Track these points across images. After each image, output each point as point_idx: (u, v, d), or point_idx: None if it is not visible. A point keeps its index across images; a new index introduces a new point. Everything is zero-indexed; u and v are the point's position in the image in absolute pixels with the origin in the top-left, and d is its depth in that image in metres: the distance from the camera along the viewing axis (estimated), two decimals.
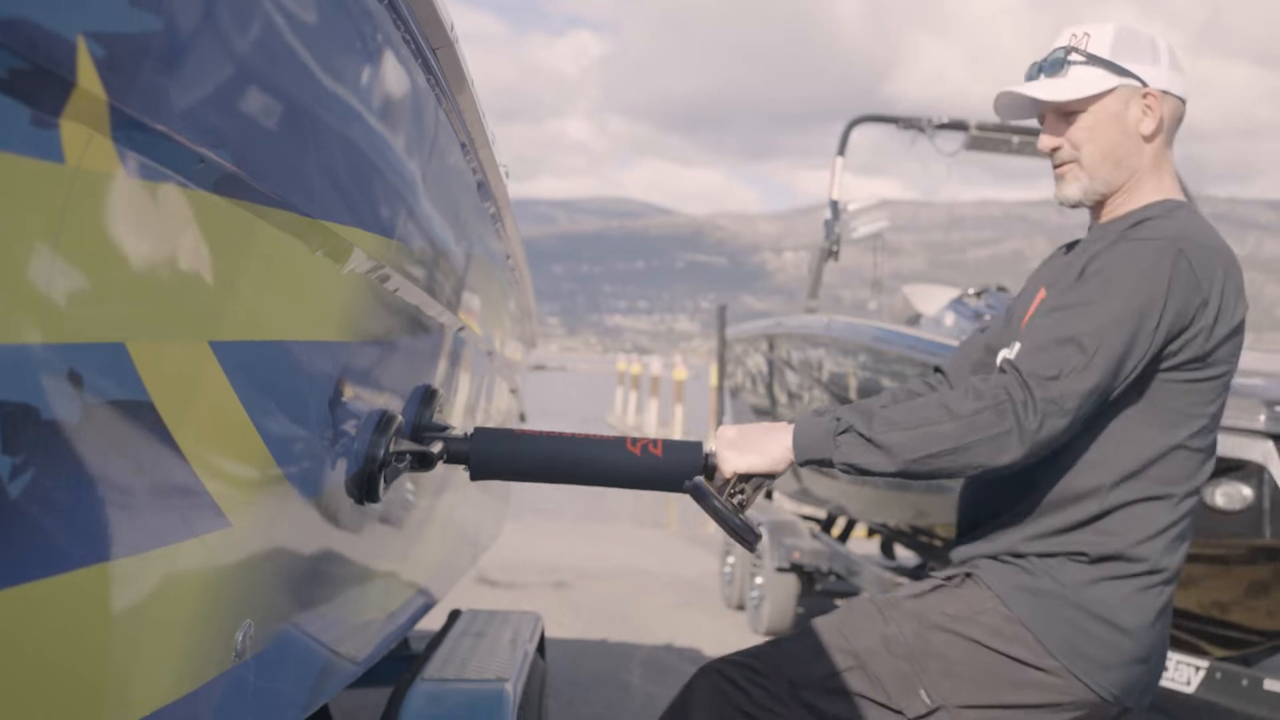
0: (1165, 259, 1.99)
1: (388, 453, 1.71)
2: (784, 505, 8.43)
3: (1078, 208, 2.22)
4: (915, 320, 6.52)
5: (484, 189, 2.24)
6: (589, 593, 8.03)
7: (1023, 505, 2.11)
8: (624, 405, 28.09)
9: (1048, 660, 2.03)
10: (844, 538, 7.74)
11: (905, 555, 7.81)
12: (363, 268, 1.50)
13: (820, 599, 7.38)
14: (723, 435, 2.06)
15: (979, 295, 6.20)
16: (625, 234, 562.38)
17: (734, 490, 1.99)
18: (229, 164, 1.02)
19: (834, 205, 7.24)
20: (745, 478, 2.00)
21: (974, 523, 2.21)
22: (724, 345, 8.40)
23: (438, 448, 1.89)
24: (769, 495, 8.65)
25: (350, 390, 1.58)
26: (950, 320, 6.09)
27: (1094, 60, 2.14)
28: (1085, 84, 2.14)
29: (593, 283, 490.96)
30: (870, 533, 8.10)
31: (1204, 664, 4.66)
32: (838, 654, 2.10)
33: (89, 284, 0.87)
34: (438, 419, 2.04)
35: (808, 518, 7.93)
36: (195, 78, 0.95)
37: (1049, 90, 2.16)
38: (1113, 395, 2.00)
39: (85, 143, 0.81)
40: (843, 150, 7.27)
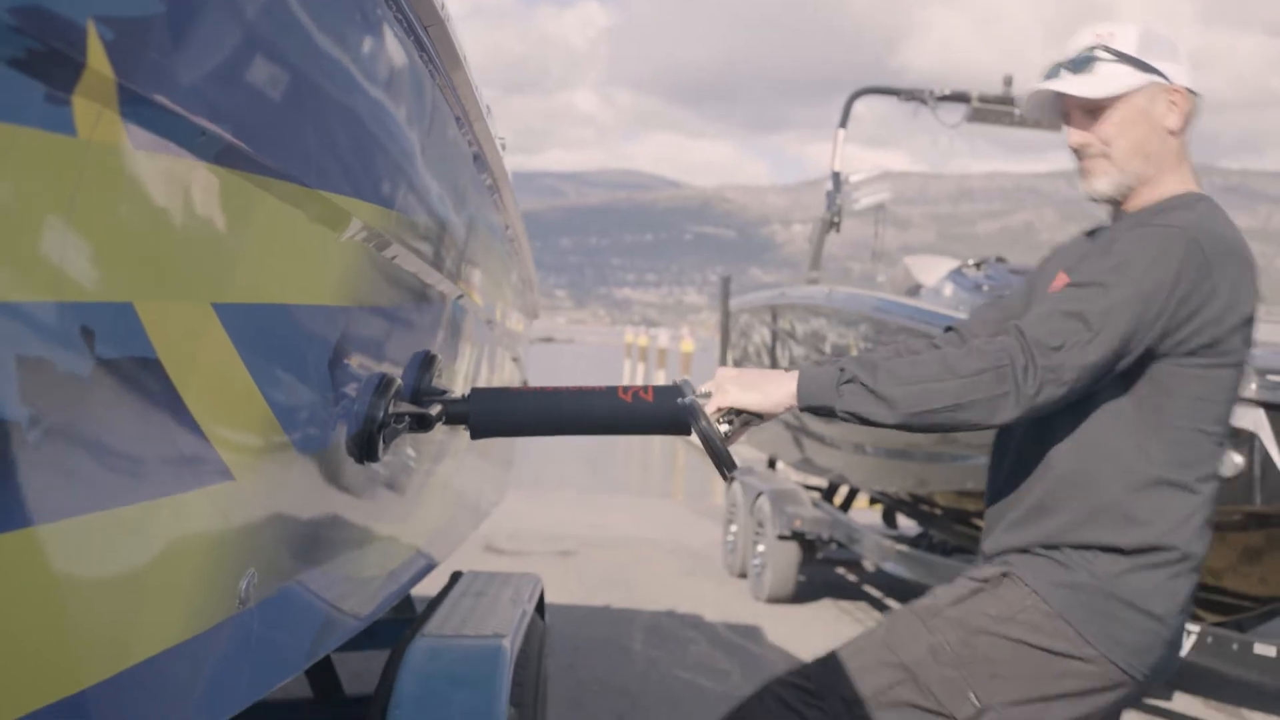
0: (1178, 245, 2.04)
1: (387, 414, 1.77)
2: (787, 474, 8.51)
3: (1107, 202, 2.27)
4: (915, 291, 6.57)
5: (480, 161, 2.30)
6: (593, 561, 8.11)
7: (1051, 496, 2.16)
8: (632, 377, 28.19)
9: (1087, 650, 2.09)
10: (845, 506, 7.81)
11: (907, 524, 7.89)
12: (360, 236, 1.56)
13: (821, 566, 7.46)
14: (723, 373, 2.13)
15: (978, 266, 6.26)
16: (633, 206, 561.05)
17: (723, 420, 2.07)
18: (230, 136, 1.09)
19: (836, 177, 7.28)
20: (736, 413, 2.08)
21: (999, 513, 2.26)
22: (727, 316, 8.46)
23: (436, 410, 1.96)
24: (772, 464, 8.74)
25: (349, 353, 1.65)
26: (949, 291, 6.15)
27: (1122, 58, 2.19)
28: (1117, 80, 2.18)
29: (601, 255, 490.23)
30: (872, 501, 8.17)
31: (1196, 629, 4.73)
32: (888, 668, 2.16)
33: (99, 248, 0.94)
34: (438, 384, 2.11)
35: (810, 487, 8.01)
36: (196, 57, 1.02)
37: (1081, 86, 2.20)
38: (1117, 371, 2.05)
39: (95, 118, 0.88)
40: (845, 122, 7.29)
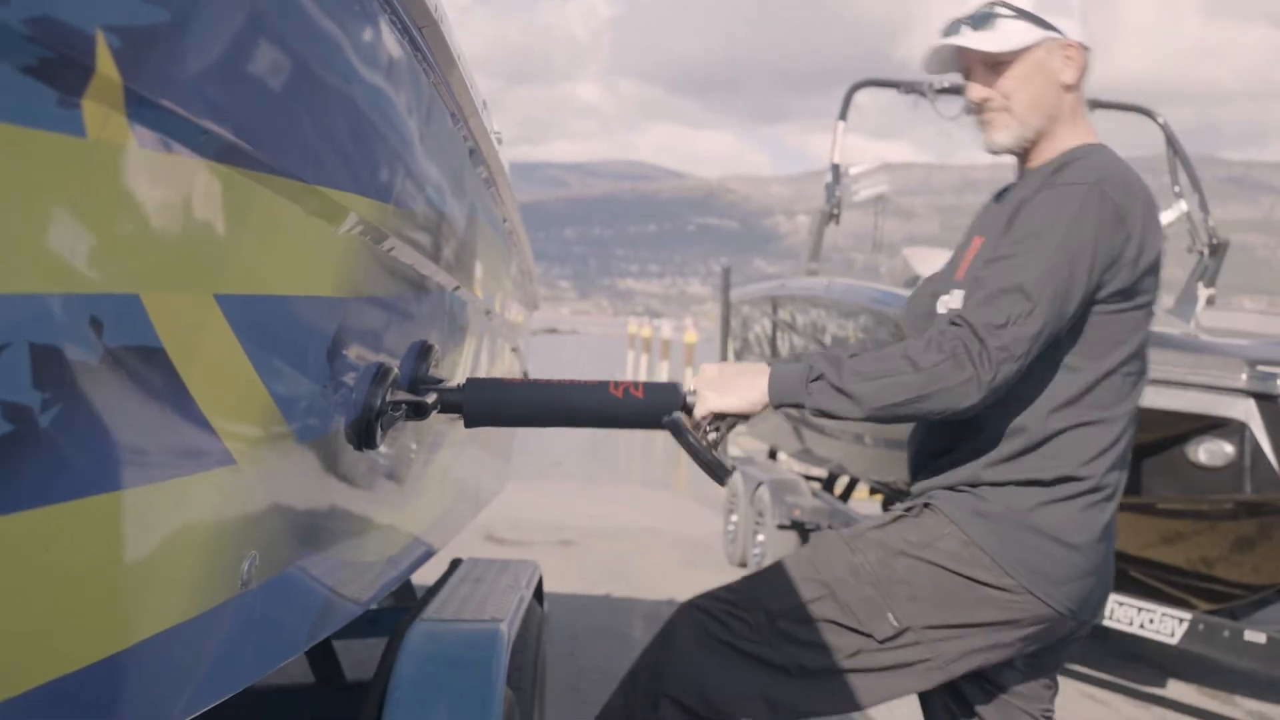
0: (1091, 202, 2.12)
1: (384, 402, 1.83)
2: (788, 465, 8.56)
3: (1006, 154, 2.34)
4: (914, 282, 6.61)
5: (476, 155, 2.36)
6: (594, 551, 8.16)
7: (971, 439, 2.23)
8: (635, 368, 28.24)
9: (1005, 579, 2.17)
10: (845, 496, 7.87)
11: None
12: (357, 229, 1.61)
13: None
14: (704, 374, 2.20)
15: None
16: (637, 197, 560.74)
17: (710, 428, 2.13)
18: (230, 135, 1.14)
19: (835, 169, 7.30)
20: (721, 416, 2.14)
21: (927, 459, 2.34)
22: (728, 307, 8.50)
23: (432, 398, 2.01)
24: (772, 455, 8.79)
25: (347, 343, 1.70)
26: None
27: (1021, 14, 2.26)
28: (1016, 36, 2.25)
29: (604, 246, 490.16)
30: (872, 492, 8.22)
31: (1187, 616, 4.78)
32: (809, 584, 2.24)
33: (106, 242, 0.99)
34: (435, 373, 2.16)
35: (810, 477, 8.06)
36: (198, 61, 1.07)
37: (982, 41, 2.26)
38: (1058, 334, 2.12)
39: (103, 120, 0.93)
40: (844, 114, 7.32)
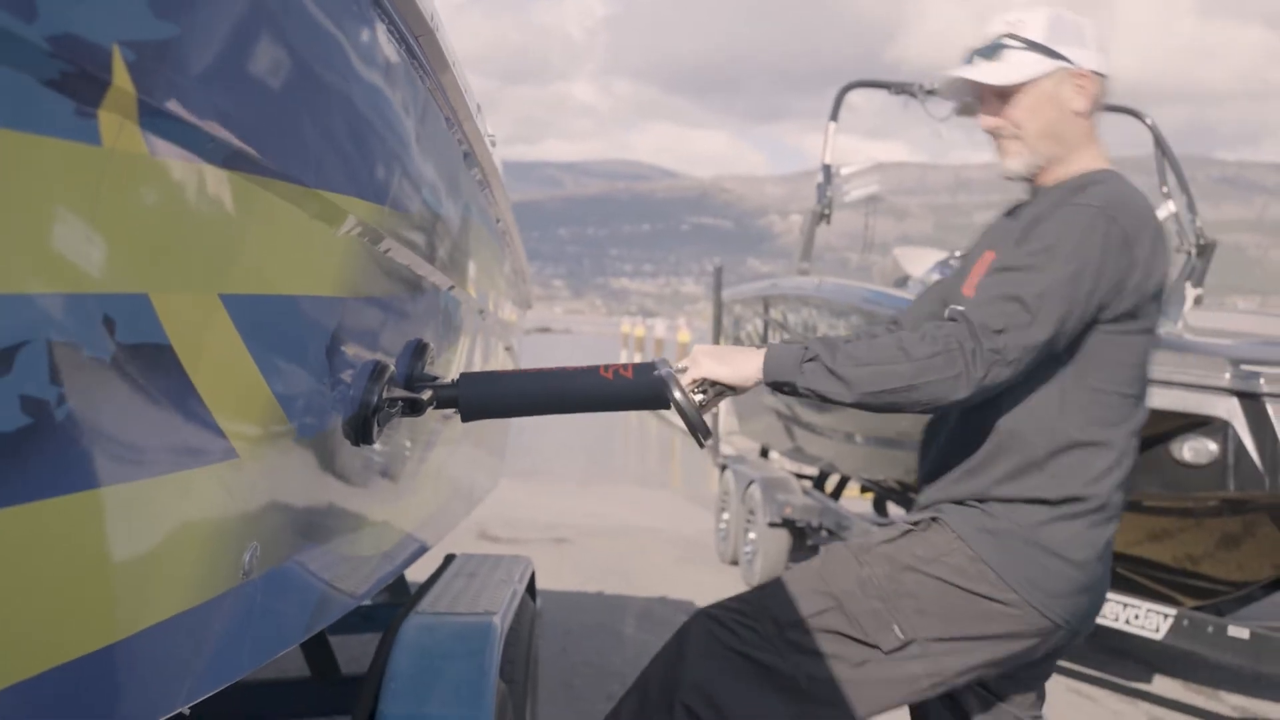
0: (1099, 225, 2.17)
1: (380, 399, 1.88)
2: (780, 463, 8.61)
3: (1019, 179, 2.40)
4: (904, 282, 6.67)
5: (470, 158, 2.41)
6: (588, 549, 8.20)
7: (979, 455, 2.29)
8: None
9: (1008, 594, 2.22)
10: (836, 495, 7.92)
11: (898, 513, 7.99)
12: (356, 231, 1.67)
13: (811, 553, 7.56)
14: (700, 349, 2.25)
15: (964, 258, 6.35)
16: (631, 196, 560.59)
17: (698, 390, 2.19)
18: (236, 142, 1.19)
19: (826, 169, 7.35)
20: (711, 384, 2.20)
21: (935, 472, 2.40)
22: (720, 307, 8.55)
23: (427, 395, 2.06)
24: (764, 453, 8.83)
25: (345, 341, 1.75)
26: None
27: (1030, 45, 2.32)
28: (1023, 68, 2.31)
29: (598, 245, 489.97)
30: (863, 490, 8.27)
31: (1172, 612, 4.84)
32: (818, 596, 2.29)
33: (119, 244, 1.04)
34: (430, 371, 2.21)
35: (801, 475, 8.11)
36: (206, 73, 1.12)
37: (990, 74, 2.33)
38: (1057, 349, 2.18)
39: (118, 129, 0.98)
40: (835, 115, 7.37)
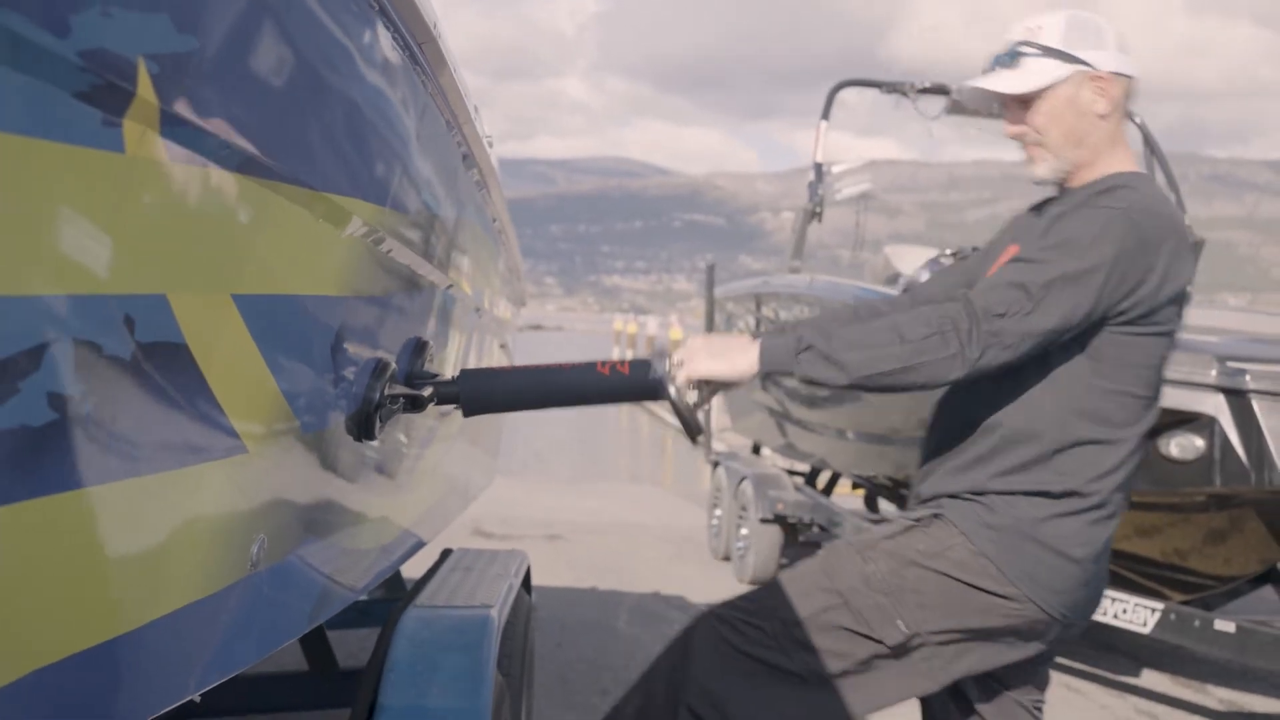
0: (1118, 226, 2.19)
1: (382, 396, 1.92)
2: (772, 460, 8.66)
3: (1047, 184, 2.43)
4: (894, 280, 6.72)
5: (469, 159, 2.46)
6: (582, 545, 8.24)
7: (982, 447, 2.32)
8: None
9: (1009, 588, 2.26)
10: (828, 491, 7.96)
11: (889, 509, 8.04)
12: (359, 232, 1.71)
13: (803, 549, 7.63)
14: (691, 343, 2.28)
15: (955, 255, 6.40)
16: (623, 194, 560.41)
17: (692, 387, 2.24)
18: (249, 149, 1.24)
19: (818, 168, 7.40)
20: (705, 381, 2.24)
21: (937, 462, 2.43)
22: (712, 304, 8.59)
23: (428, 392, 2.11)
24: (756, 450, 8.88)
25: (349, 339, 1.79)
26: (926, 279, 6.29)
27: (1047, 51, 2.33)
28: (1040, 74, 2.33)
29: (590, 243, 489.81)
30: (854, 487, 8.32)
31: (1159, 606, 4.90)
32: (823, 594, 2.32)
33: (139, 246, 1.09)
34: (429, 368, 2.25)
35: (793, 472, 8.16)
36: (222, 83, 1.17)
37: (1006, 83, 2.36)
38: (1060, 341, 2.20)
39: (140, 137, 1.02)
40: (827, 114, 7.41)
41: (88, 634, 1.14)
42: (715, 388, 2.26)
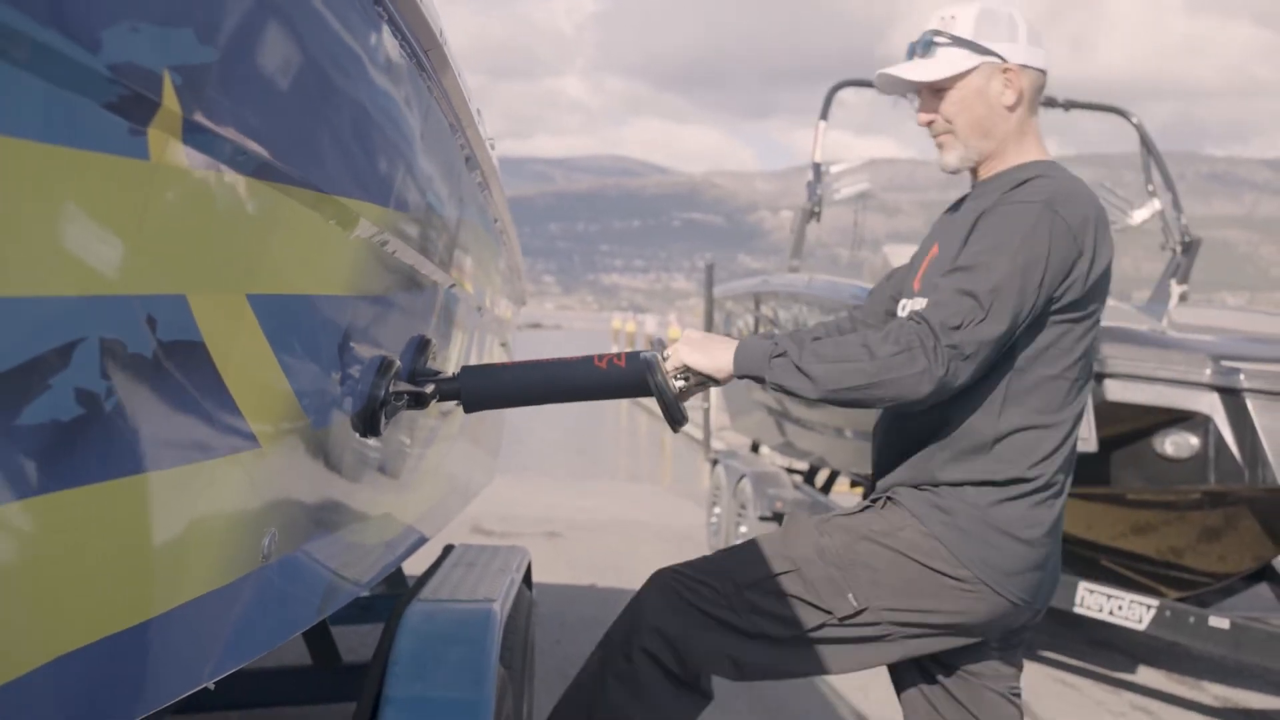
0: (1044, 220, 2.25)
1: (387, 393, 1.96)
2: (771, 458, 8.70)
3: (958, 173, 2.48)
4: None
5: (471, 162, 2.50)
6: (580, 543, 8.26)
7: (929, 440, 2.37)
8: None
9: (960, 570, 2.31)
10: (826, 489, 8.00)
11: None
12: (366, 233, 1.75)
13: None
14: (686, 334, 2.35)
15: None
16: (622, 192, 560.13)
17: (679, 376, 2.29)
18: (264, 154, 1.28)
19: (816, 168, 7.43)
20: (692, 372, 2.29)
21: (887, 459, 2.48)
22: (711, 303, 8.62)
23: (430, 388, 2.15)
24: (755, 448, 8.92)
25: (355, 337, 1.84)
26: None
27: (957, 41, 2.39)
28: (950, 64, 2.39)
29: (589, 241, 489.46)
30: (853, 484, 8.36)
31: (1154, 603, 4.94)
32: (777, 560, 2.38)
33: (162, 248, 1.13)
34: (432, 366, 2.30)
35: (792, 470, 8.19)
36: (239, 94, 1.21)
37: (918, 71, 2.42)
38: (1010, 342, 2.25)
39: (164, 145, 1.07)
40: (825, 114, 7.44)
41: (114, 620, 1.18)
42: (702, 380, 2.31)
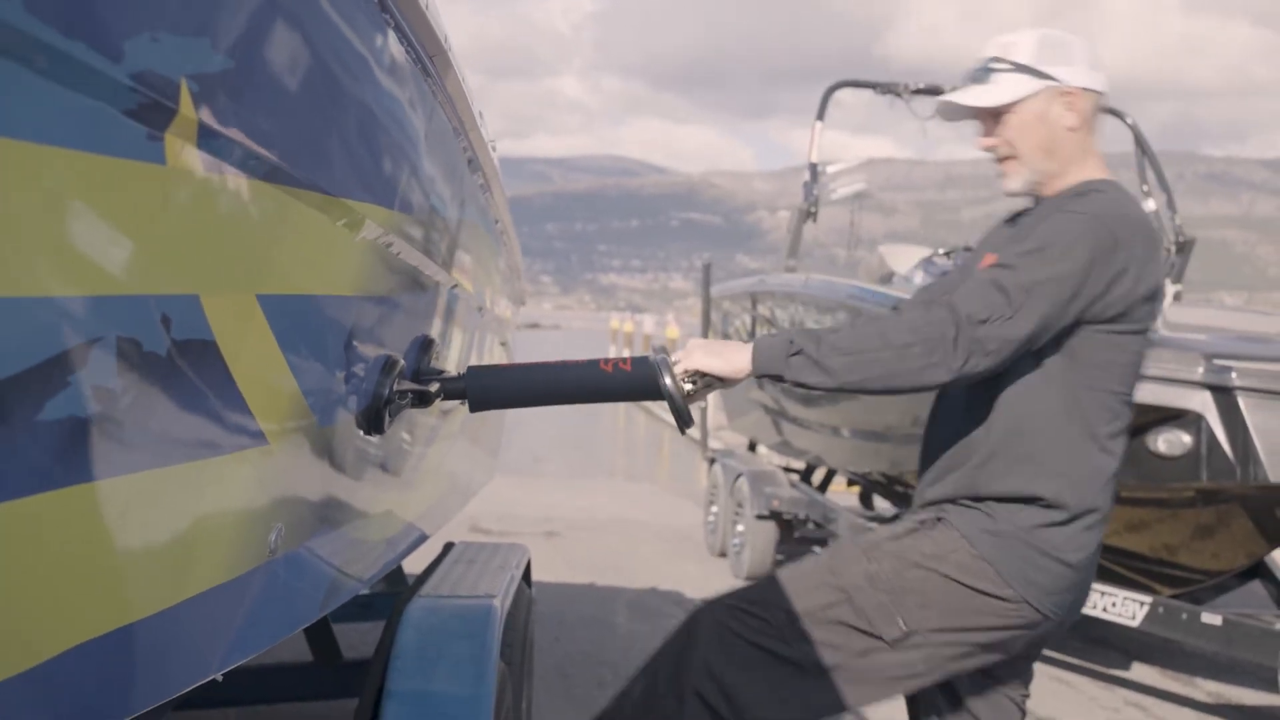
0: (1090, 231, 2.29)
1: (392, 391, 2.00)
2: (768, 457, 8.74)
3: (1021, 196, 2.52)
4: (889, 278, 6.80)
5: (474, 164, 2.54)
6: (579, 542, 8.31)
7: (976, 454, 2.41)
8: None
9: (1006, 590, 2.35)
10: (823, 488, 8.04)
11: (883, 505, 8.11)
12: (372, 235, 1.79)
13: (798, 545, 7.70)
14: (693, 342, 2.37)
15: (948, 255, 6.49)
16: (620, 192, 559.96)
17: (689, 380, 2.31)
18: (275, 159, 1.32)
19: (813, 168, 7.46)
20: (701, 375, 2.32)
21: (935, 468, 2.52)
22: (709, 303, 8.66)
23: (435, 387, 2.19)
24: (752, 447, 8.96)
25: (360, 337, 1.87)
26: (920, 279, 6.38)
27: (1018, 68, 2.44)
28: (1011, 89, 2.43)
29: (587, 241, 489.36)
30: (849, 484, 8.40)
31: (1148, 600, 4.98)
32: (827, 589, 2.41)
33: (177, 250, 1.17)
34: (435, 365, 2.33)
35: (789, 469, 8.23)
36: (252, 101, 1.25)
37: (979, 97, 2.46)
38: (1038, 345, 2.28)
39: (180, 150, 1.10)
40: (822, 115, 7.48)
41: (129, 610, 1.22)
42: (710, 382, 2.34)
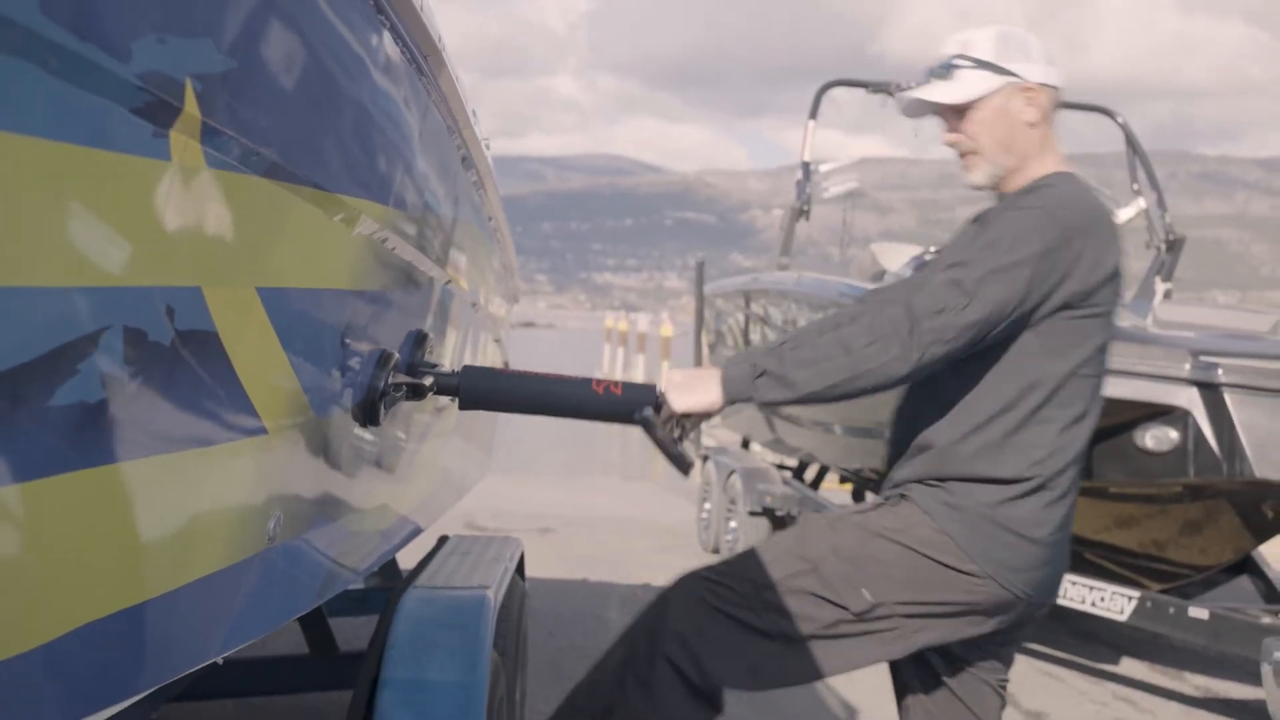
0: (1042, 225, 2.35)
1: (386, 384, 2.04)
2: (761, 454, 8.77)
3: (984, 189, 2.56)
4: (880, 276, 6.83)
5: (467, 162, 2.58)
6: (573, 538, 8.33)
7: (939, 437, 2.46)
8: (611, 361, 28.38)
9: (969, 565, 2.39)
10: (816, 484, 8.08)
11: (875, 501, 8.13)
12: (368, 230, 1.83)
13: None
14: (671, 378, 2.41)
15: (939, 252, 6.53)
16: (614, 191, 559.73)
17: (676, 424, 2.36)
18: (275, 156, 1.36)
19: (805, 167, 7.51)
20: (686, 415, 2.36)
21: (900, 454, 2.57)
22: (702, 301, 8.68)
23: (429, 381, 2.23)
24: (745, 445, 9.00)
25: (357, 330, 1.91)
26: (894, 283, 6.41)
27: (979, 64, 2.49)
28: (972, 85, 2.48)
29: (581, 240, 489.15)
30: (842, 480, 8.44)
31: (1135, 594, 5.03)
32: (794, 560, 2.47)
33: (180, 243, 1.21)
34: (429, 359, 2.37)
35: (781, 466, 8.27)
36: (254, 100, 1.29)
37: (942, 93, 2.51)
38: (994, 332, 2.33)
39: (184, 147, 1.15)
40: (814, 114, 7.52)
41: (131, 594, 1.26)
42: (696, 420, 2.39)
